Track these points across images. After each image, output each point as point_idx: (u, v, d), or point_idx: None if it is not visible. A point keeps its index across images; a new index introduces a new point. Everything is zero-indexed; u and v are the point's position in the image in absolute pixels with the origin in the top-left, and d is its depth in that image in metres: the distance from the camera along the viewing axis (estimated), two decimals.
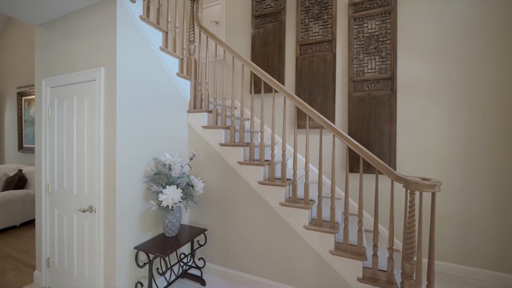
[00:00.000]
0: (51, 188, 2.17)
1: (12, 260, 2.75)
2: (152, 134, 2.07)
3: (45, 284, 2.21)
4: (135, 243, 1.92)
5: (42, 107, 2.20)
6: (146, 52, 2.03)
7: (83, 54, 1.95)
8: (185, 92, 2.46)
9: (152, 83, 2.08)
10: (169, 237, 2.03)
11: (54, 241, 2.15)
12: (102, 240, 1.83)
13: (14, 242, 3.19)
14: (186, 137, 2.47)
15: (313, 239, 1.94)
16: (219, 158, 2.32)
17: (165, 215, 1.98)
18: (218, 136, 2.33)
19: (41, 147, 2.21)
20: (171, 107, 2.27)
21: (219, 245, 2.32)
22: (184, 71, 2.47)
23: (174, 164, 2.02)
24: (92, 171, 1.89)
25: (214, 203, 2.35)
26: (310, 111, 1.97)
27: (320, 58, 2.99)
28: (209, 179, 2.38)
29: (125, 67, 1.83)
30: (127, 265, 1.86)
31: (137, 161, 1.93)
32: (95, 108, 1.88)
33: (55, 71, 2.14)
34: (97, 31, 1.87)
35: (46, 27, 2.21)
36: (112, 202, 1.79)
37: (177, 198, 1.90)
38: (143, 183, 1.98)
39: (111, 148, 1.79)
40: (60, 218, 2.11)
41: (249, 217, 2.18)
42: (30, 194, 3.75)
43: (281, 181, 2.08)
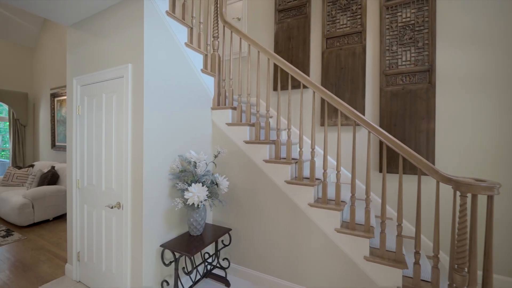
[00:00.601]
0: (81, 184, 2.22)
1: (45, 252, 2.88)
2: (177, 130, 2.04)
3: (75, 277, 2.27)
4: (161, 241, 1.90)
5: (73, 105, 2.26)
6: (172, 48, 2.00)
7: (111, 51, 1.96)
8: (209, 88, 2.42)
9: (178, 79, 2.05)
10: (194, 235, 1.99)
11: (84, 236, 2.20)
12: (129, 236, 1.83)
13: (48, 235, 3.35)
14: (209, 134, 2.42)
15: (345, 243, 1.81)
16: (243, 156, 2.25)
17: (190, 213, 1.94)
18: (243, 133, 2.26)
19: (72, 143, 2.27)
20: (195, 104, 2.24)
21: (244, 245, 2.25)
22: (208, 67, 2.43)
23: (199, 161, 1.98)
24: (120, 168, 1.90)
25: (238, 202, 2.28)
26: (342, 105, 1.83)
27: (349, 51, 2.82)
28: (233, 177, 2.31)
29: (152, 63, 1.81)
30: (153, 262, 1.84)
31: (163, 158, 1.91)
32: (123, 105, 1.89)
33: (85, 69, 2.19)
34: (125, 28, 1.87)
35: (77, 27, 2.27)
36: (139, 198, 1.78)
37: (203, 196, 1.85)
38: (169, 181, 1.96)
39: (138, 144, 1.79)
40: (89, 214, 2.15)
41: (275, 218, 2.09)
42: (62, 189, 3.93)
43: (310, 180, 1.97)
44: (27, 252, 2.86)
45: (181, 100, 2.09)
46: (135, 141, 1.81)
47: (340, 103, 1.84)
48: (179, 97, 2.07)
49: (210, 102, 2.44)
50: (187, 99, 2.15)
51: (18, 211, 3.46)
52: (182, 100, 2.09)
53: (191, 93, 2.19)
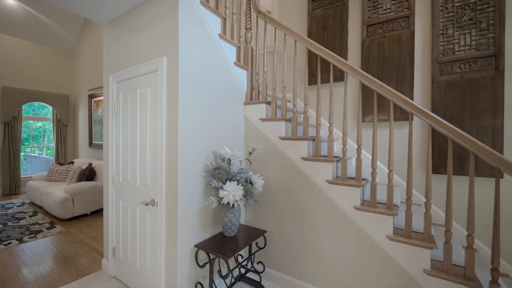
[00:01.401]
0: (117, 180, 2.23)
1: (84, 245, 2.98)
2: (210, 126, 1.95)
3: (111, 272, 2.29)
4: (195, 241, 1.82)
5: (109, 102, 2.28)
6: (206, 39, 1.92)
7: (146, 45, 1.93)
8: (241, 82, 2.31)
9: (211, 72, 1.96)
10: (228, 237, 1.89)
11: (119, 232, 2.20)
12: (163, 235, 1.77)
13: (86, 229, 3.50)
14: (242, 131, 2.31)
15: (399, 253, 1.58)
16: (278, 153, 2.11)
17: (225, 213, 1.84)
18: (278, 129, 2.11)
19: (108, 140, 2.29)
20: (228, 98, 2.14)
21: (279, 249, 2.10)
22: (241, 60, 2.32)
23: (233, 158, 1.87)
24: (154, 164, 1.86)
25: (272, 202, 2.14)
26: (396, 95, 1.60)
27: (393, 38, 2.54)
28: (267, 175, 2.18)
29: (186, 55, 1.74)
30: (188, 263, 1.77)
31: (197, 154, 1.83)
32: (157, 100, 1.84)
33: (121, 66, 2.19)
34: (159, 20, 1.82)
35: (113, 25, 2.28)
36: (173, 196, 1.71)
37: (239, 195, 1.74)
38: (202, 178, 1.88)
39: (173, 139, 1.72)
40: (124, 210, 2.15)
41: (315, 221, 1.91)
42: (99, 185, 4.10)
43: (356, 180, 1.76)
44: (67, 245, 2.99)
45: (215, 94, 2.00)
46: (169, 136, 1.75)
47: (393, 92, 1.62)
48: (213, 91, 1.98)
49: (242, 97, 2.33)
50: (220, 93, 2.05)
51: (60, 205, 3.66)
52: (215, 94, 2.00)
53: (224, 87, 2.09)
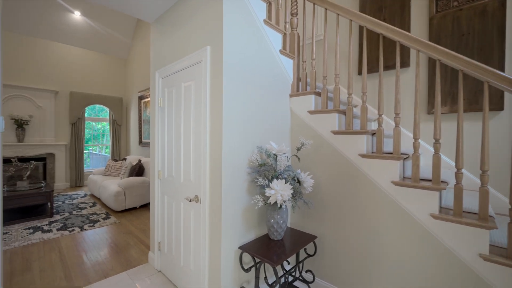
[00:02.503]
0: (162, 175, 2.25)
1: (133, 237, 3.13)
2: (254, 119, 1.81)
3: (157, 266, 2.32)
4: (239, 242, 1.70)
5: (156, 98, 2.31)
6: (250, 25, 1.78)
7: (189, 37, 1.88)
8: (287, 72, 2.13)
9: (255, 61, 1.82)
10: (275, 240, 1.72)
11: (164, 227, 2.21)
12: (207, 233, 1.69)
13: (135, 221, 3.70)
14: (288, 125, 2.12)
15: (500, 276, 1.21)
16: (330, 149, 1.86)
17: (271, 214, 1.67)
18: (330, 122, 1.87)
19: (154, 134, 2.33)
20: (273, 90, 1.97)
21: (332, 258, 1.86)
22: (287, 48, 2.13)
23: (280, 154, 1.69)
24: (198, 159, 1.79)
25: (323, 205, 1.90)
26: (496, 75, 1.24)
27: (474, 10, 2.07)
28: (316, 174, 1.95)
29: (230, 42, 1.62)
30: (231, 265, 1.65)
31: (241, 149, 1.70)
32: (201, 92, 1.77)
33: (166, 61, 2.20)
34: (203, 9, 1.74)
35: (158, 22, 2.31)
36: (217, 193, 1.61)
37: (287, 195, 1.55)
38: (247, 175, 1.74)
39: (216, 133, 1.62)
40: (169, 205, 2.15)
41: (377, 229, 1.62)
42: (147, 181, 4.33)
43: (433, 182, 1.43)
44: (119, 235, 3.17)
45: (259, 85, 1.85)
46: (213, 130, 1.65)
47: (492, 72, 1.25)
48: (257, 82, 1.83)
49: (288, 88, 2.14)
50: (265, 84, 1.90)
51: (114, 198, 3.95)
52: (259, 85, 1.86)
53: (269, 77, 1.94)
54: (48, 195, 3.77)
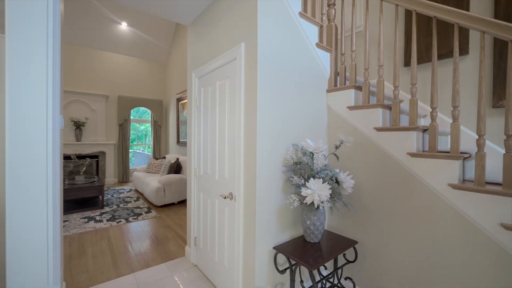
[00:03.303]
0: (198, 172, 2.31)
1: (171, 231, 3.30)
2: (289, 116, 1.75)
3: (193, 260, 2.39)
4: (273, 242, 1.65)
5: (192, 97, 2.39)
6: (285, 18, 1.72)
7: (224, 36, 1.89)
8: (324, 66, 2.02)
9: (290, 56, 1.76)
10: (311, 242, 1.63)
11: (200, 223, 2.27)
12: (241, 231, 1.67)
13: (173, 216, 3.90)
14: (324, 122, 2.01)
15: None
16: (373, 147, 1.71)
17: (307, 215, 1.59)
18: (373, 118, 1.72)
19: (191, 132, 2.41)
20: (309, 85, 1.89)
21: (375, 266, 1.70)
22: (324, 41, 2.02)
23: (317, 152, 1.61)
24: (233, 156, 1.79)
25: (364, 207, 1.76)
26: None
27: None
28: (357, 174, 1.81)
29: (265, 38, 1.59)
30: (266, 264, 1.61)
31: (275, 147, 1.65)
32: (235, 90, 1.77)
33: (201, 61, 2.25)
34: (237, 7, 1.74)
35: (195, 24, 2.39)
36: (252, 191, 1.59)
37: (325, 195, 1.46)
38: (282, 173, 1.69)
39: (251, 131, 1.60)
40: (204, 202, 2.20)
41: (433, 238, 1.43)
42: (184, 178, 4.54)
43: (504, 187, 1.20)
44: (159, 229, 3.37)
45: (294, 80, 1.78)
46: (247, 127, 1.63)
47: None
48: (292, 77, 1.77)
49: (325, 83, 2.03)
50: (300, 79, 1.82)
51: (155, 193, 4.21)
52: (295, 81, 1.79)
53: (304, 72, 1.85)
54: (100, 188, 4.18)
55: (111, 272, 2.29)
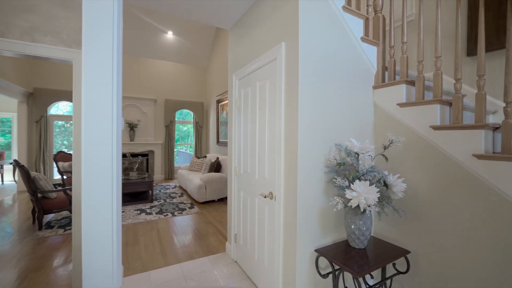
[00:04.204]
0: (238, 171, 2.37)
1: (212, 227, 3.45)
2: (332, 115, 1.68)
3: (233, 256, 2.47)
4: (314, 245, 1.61)
5: (233, 99, 2.47)
6: (327, 14, 1.66)
7: (264, 37, 1.91)
8: (370, 61, 1.89)
9: (333, 52, 1.69)
10: (356, 248, 1.54)
11: (240, 220, 2.33)
12: (281, 231, 1.67)
13: (214, 213, 4.08)
14: (371, 120, 1.89)
15: None
16: (429, 148, 1.54)
17: (352, 219, 1.51)
18: (429, 115, 1.55)
19: (232, 132, 2.49)
20: (353, 82, 1.79)
21: (430, 280, 1.53)
22: (369, 35, 1.90)
23: (363, 153, 1.51)
24: (273, 155, 1.80)
25: (418, 214, 1.59)
26: None
27: None
28: (409, 177, 1.65)
29: (306, 35, 1.56)
30: (306, 267, 1.58)
31: (317, 147, 1.61)
32: (275, 90, 1.77)
33: (241, 63, 2.31)
34: (278, 7, 1.73)
35: (235, 27, 2.46)
36: (292, 191, 1.57)
37: (372, 199, 1.37)
38: (324, 174, 1.63)
39: (292, 130, 1.58)
40: (244, 200, 2.25)
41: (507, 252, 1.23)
42: (224, 177, 4.71)
43: None
44: (201, 224, 3.56)
45: (337, 78, 1.71)
46: (288, 126, 1.62)
47: None
48: (335, 75, 1.70)
49: (371, 79, 1.90)
50: (343, 76, 1.74)
51: (197, 190, 4.46)
52: (338, 78, 1.71)
53: (348, 68, 1.76)
54: (150, 184, 4.59)
55: (160, 260, 2.50)
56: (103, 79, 1.08)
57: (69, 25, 1.89)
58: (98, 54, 1.06)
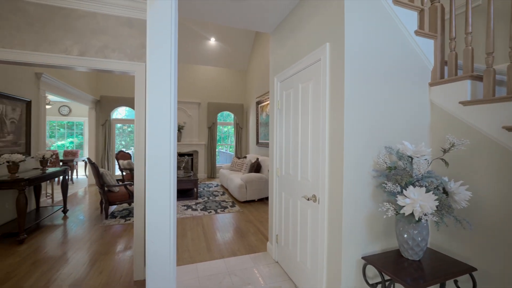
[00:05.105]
0: (280, 172, 2.40)
1: (253, 226, 3.54)
2: (381, 116, 1.59)
3: (274, 256, 2.50)
4: (361, 251, 1.54)
5: (274, 101, 2.50)
6: (376, 10, 1.58)
7: (307, 38, 1.89)
8: (425, 56, 1.73)
9: (381, 49, 1.59)
10: (408, 259, 1.43)
11: (282, 221, 2.35)
12: (325, 235, 1.64)
13: (255, 212, 4.17)
14: (426, 120, 1.72)
15: None
16: (501, 153, 1.34)
17: (404, 227, 1.41)
18: (501, 115, 1.35)
19: (273, 134, 2.53)
20: (404, 80, 1.66)
21: None
22: (425, 27, 1.74)
23: (418, 156, 1.39)
24: (316, 158, 1.77)
25: (487, 227, 1.40)
26: None
27: None
28: (475, 185, 1.46)
29: (352, 34, 1.50)
30: (353, 274, 1.52)
31: (365, 150, 1.54)
32: (319, 92, 1.74)
33: (283, 65, 2.33)
34: (321, 6, 1.71)
35: (277, 31, 2.49)
36: (337, 195, 1.53)
37: (429, 207, 1.25)
38: (372, 178, 1.55)
39: (337, 132, 1.54)
40: (286, 201, 2.26)
41: None
42: (263, 177, 4.79)
43: None
44: (242, 222, 3.68)
45: (386, 76, 1.61)
46: (333, 128, 1.58)
47: None
48: (384, 73, 1.60)
49: (426, 75, 1.74)
50: (393, 74, 1.63)
51: (238, 190, 4.62)
52: (387, 76, 1.61)
53: (399, 65, 1.64)
54: (195, 182, 4.92)
55: (205, 254, 2.67)
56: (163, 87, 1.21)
57: (132, 42, 2.16)
58: (159, 64, 1.20)
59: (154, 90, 1.19)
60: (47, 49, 1.97)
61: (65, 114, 8.71)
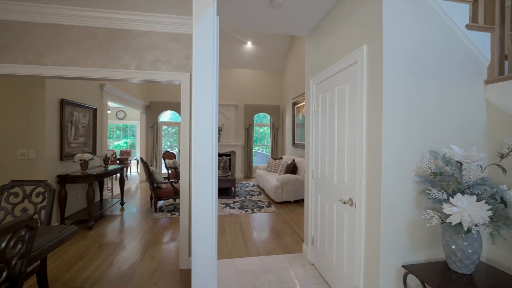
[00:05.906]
0: (316, 175, 2.40)
1: (289, 227, 3.58)
2: (424, 118, 1.50)
3: (310, 258, 2.51)
4: (402, 260, 1.48)
5: (310, 103, 2.51)
6: (417, 7, 1.50)
7: (344, 40, 1.88)
8: (479, 51, 1.57)
9: (424, 47, 1.50)
10: (457, 272, 1.33)
11: (318, 224, 2.35)
12: (362, 239, 1.61)
13: (290, 213, 4.20)
14: (480, 122, 1.57)
15: None
16: None
17: (452, 238, 1.31)
18: None
19: (309, 137, 2.54)
20: (453, 78, 1.53)
21: None
22: (478, 20, 1.58)
23: (468, 162, 1.29)
24: (353, 161, 1.75)
25: None
26: None
27: None
28: None
29: (391, 34, 1.45)
30: (391, 282, 1.47)
31: (406, 153, 1.47)
32: (356, 94, 1.72)
33: (319, 68, 2.33)
34: (358, 7, 1.68)
35: (312, 34, 2.50)
36: (375, 199, 1.50)
37: (480, 217, 1.16)
38: (414, 184, 1.48)
39: (375, 136, 1.51)
40: (322, 204, 2.26)
41: None
42: (299, 179, 4.78)
43: None
44: (278, 223, 3.74)
45: (431, 74, 1.51)
46: (371, 131, 1.55)
47: None
48: (428, 72, 1.50)
49: (481, 72, 1.58)
50: (439, 72, 1.52)
51: (274, 190, 4.70)
52: (431, 75, 1.51)
53: (445, 62, 1.53)
54: (233, 181, 5.14)
55: (242, 251, 2.80)
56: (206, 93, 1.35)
57: (178, 54, 2.41)
58: (203, 72, 1.34)
59: (199, 99, 1.34)
60: (112, 65, 2.32)
61: (121, 118, 9.87)
